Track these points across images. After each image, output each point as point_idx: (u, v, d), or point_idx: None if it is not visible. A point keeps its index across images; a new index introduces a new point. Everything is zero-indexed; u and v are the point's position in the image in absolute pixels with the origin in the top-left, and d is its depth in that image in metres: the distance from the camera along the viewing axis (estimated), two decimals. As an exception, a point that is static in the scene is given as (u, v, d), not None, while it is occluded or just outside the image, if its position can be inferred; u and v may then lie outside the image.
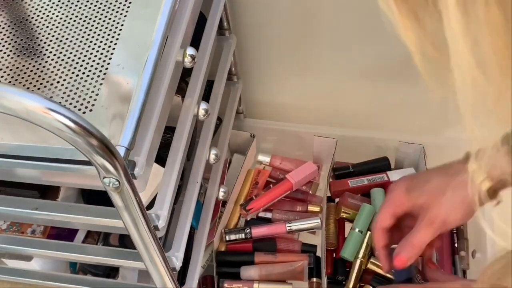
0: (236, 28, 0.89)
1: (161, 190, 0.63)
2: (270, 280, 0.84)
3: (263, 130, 1.01)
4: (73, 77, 0.55)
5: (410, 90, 0.94)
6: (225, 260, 0.87)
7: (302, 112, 1.03)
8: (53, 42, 0.59)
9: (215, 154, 0.78)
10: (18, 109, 0.41)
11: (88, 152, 0.44)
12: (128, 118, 0.51)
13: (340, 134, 0.95)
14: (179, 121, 0.68)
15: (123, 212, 0.53)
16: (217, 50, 0.85)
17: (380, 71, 0.92)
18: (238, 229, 0.87)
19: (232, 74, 0.94)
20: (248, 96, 1.03)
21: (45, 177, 0.60)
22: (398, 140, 0.94)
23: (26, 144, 0.51)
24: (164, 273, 0.64)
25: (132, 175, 0.52)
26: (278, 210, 0.90)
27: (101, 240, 0.81)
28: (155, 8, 0.59)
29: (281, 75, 0.98)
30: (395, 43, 0.33)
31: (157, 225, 0.60)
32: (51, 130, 0.42)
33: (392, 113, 0.99)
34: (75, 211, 0.62)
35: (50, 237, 0.78)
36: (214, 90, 0.82)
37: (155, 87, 0.58)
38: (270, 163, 0.96)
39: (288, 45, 0.91)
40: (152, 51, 0.56)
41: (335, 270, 0.87)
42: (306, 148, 0.98)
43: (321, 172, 0.96)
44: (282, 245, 0.87)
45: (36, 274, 0.81)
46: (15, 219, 0.75)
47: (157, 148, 0.61)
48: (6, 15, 0.62)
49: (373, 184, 0.91)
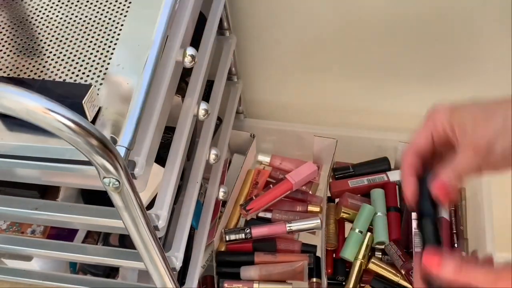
0: (236, 28, 0.89)
1: (161, 190, 0.62)
2: (270, 280, 0.84)
3: (263, 130, 1.01)
4: (73, 77, 0.55)
5: (410, 90, 0.94)
6: (225, 260, 0.87)
7: (302, 112, 1.03)
8: (53, 42, 0.59)
9: (215, 154, 0.78)
10: (18, 109, 0.41)
11: (88, 152, 0.44)
12: (128, 118, 0.51)
13: (340, 134, 0.95)
14: (179, 121, 0.68)
15: (123, 212, 0.53)
16: (217, 50, 0.85)
17: (380, 71, 0.92)
18: (238, 229, 0.87)
19: (232, 74, 0.94)
20: (248, 96, 1.03)
21: (45, 177, 0.59)
22: (398, 140, 0.94)
23: (26, 144, 0.51)
24: (164, 273, 0.64)
25: (132, 175, 0.52)
26: (278, 210, 0.90)
27: (101, 240, 0.81)
28: (155, 8, 0.59)
29: (281, 75, 0.98)
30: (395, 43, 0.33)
31: (157, 225, 0.60)
32: (52, 130, 0.42)
33: (392, 113, 0.99)
34: (75, 211, 0.62)
35: (50, 237, 0.78)
36: (214, 90, 0.82)
37: (155, 87, 0.58)
38: (270, 163, 0.96)
39: (288, 45, 0.91)
40: (152, 51, 0.56)
41: (335, 270, 0.87)
42: (306, 148, 0.98)
43: (321, 172, 0.96)
44: (282, 245, 0.87)
45: (36, 274, 0.81)
46: (15, 219, 0.75)
47: (157, 148, 0.61)
48: (6, 15, 0.62)
49: (373, 185, 0.92)
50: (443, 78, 0.90)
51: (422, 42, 0.85)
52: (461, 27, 0.81)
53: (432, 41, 0.84)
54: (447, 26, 0.81)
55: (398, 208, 0.89)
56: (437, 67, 0.88)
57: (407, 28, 0.83)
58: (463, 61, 0.86)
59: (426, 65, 0.89)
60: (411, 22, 0.82)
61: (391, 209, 0.88)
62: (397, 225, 0.87)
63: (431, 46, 0.85)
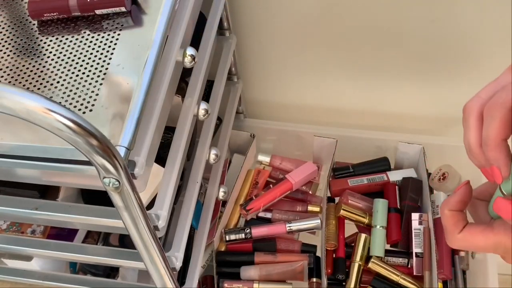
0: (236, 28, 0.89)
1: (161, 190, 0.62)
2: (270, 280, 0.84)
3: (263, 130, 1.01)
4: (73, 77, 0.55)
5: (410, 90, 0.94)
6: (225, 260, 0.87)
7: (302, 112, 1.03)
8: (53, 42, 0.59)
9: (215, 154, 0.78)
10: (18, 109, 0.41)
11: (88, 152, 0.44)
12: (128, 118, 0.51)
13: (340, 134, 0.95)
14: (179, 121, 0.68)
15: (123, 212, 0.53)
16: (217, 50, 0.85)
17: (380, 71, 0.92)
18: (238, 229, 0.87)
19: (232, 74, 0.94)
20: (248, 96, 1.03)
21: (45, 177, 0.59)
22: (398, 140, 0.94)
23: (26, 144, 0.51)
24: (164, 273, 0.64)
25: (132, 175, 0.52)
26: (278, 210, 0.90)
27: (101, 240, 0.81)
28: (155, 8, 0.59)
29: (281, 75, 0.98)
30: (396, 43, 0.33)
31: (157, 225, 0.60)
32: (51, 130, 0.42)
33: (392, 113, 0.99)
34: (75, 211, 0.62)
35: (50, 237, 0.78)
36: (214, 90, 0.82)
37: (155, 87, 0.58)
38: (270, 163, 0.96)
39: (288, 45, 0.91)
40: (152, 51, 0.56)
41: (335, 270, 0.87)
42: (306, 148, 0.98)
43: (321, 172, 0.96)
44: (282, 245, 0.87)
45: (36, 274, 0.81)
46: (15, 219, 0.75)
47: (157, 148, 0.61)
48: (6, 15, 0.62)
49: (373, 184, 0.92)
50: (443, 78, 0.90)
51: (423, 42, 0.85)
52: (461, 27, 0.81)
53: (433, 41, 0.84)
54: (448, 26, 0.81)
55: (398, 209, 0.89)
56: (437, 67, 0.88)
57: (407, 29, 0.83)
58: (463, 62, 0.86)
59: (427, 65, 0.89)
60: (412, 22, 0.82)
61: (391, 210, 0.88)
62: (397, 225, 0.87)
63: (431, 46, 0.85)
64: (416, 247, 0.84)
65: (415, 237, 0.85)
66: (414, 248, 0.84)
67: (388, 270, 0.84)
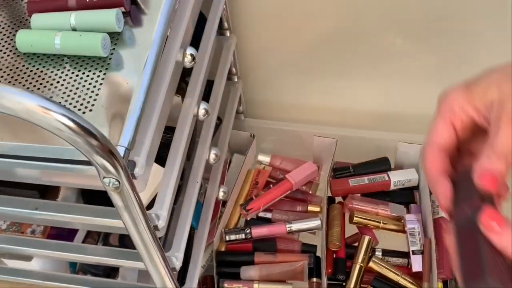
0: (236, 28, 0.89)
1: (161, 190, 0.62)
2: (270, 280, 0.84)
3: (263, 130, 1.01)
4: (73, 77, 0.55)
5: (410, 89, 0.94)
6: (225, 260, 0.87)
7: (302, 112, 1.03)
8: (53, 42, 0.59)
9: (215, 154, 0.78)
10: (18, 109, 0.41)
11: (88, 152, 0.44)
12: (128, 118, 0.51)
13: (340, 134, 0.95)
14: (179, 121, 0.68)
15: (123, 212, 0.53)
16: (217, 50, 0.85)
17: (380, 71, 0.92)
18: (238, 229, 0.87)
19: (232, 74, 0.94)
20: (248, 96, 1.03)
21: (45, 177, 0.59)
22: (398, 140, 0.94)
23: (26, 144, 0.51)
24: (164, 273, 0.64)
25: (132, 175, 0.52)
26: (278, 210, 0.90)
27: (101, 240, 0.81)
28: (155, 8, 0.59)
29: (281, 75, 0.98)
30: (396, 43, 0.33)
31: (157, 225, 0.60)
32: (51, 130, 0.42)
33: (392, 113, 0.99)
34: (75, 211, 0.62)
35: (50, 237, 0.78)
36: (214, 90, 0.82)
37: (155, 87, 0.58)
38: (270, 163, 0.96)
39: (288, 45, 0.91)
40: (152, 51, 0.56)
41: (336, 270, 0.87)
42: (306, 148, 0.98)
43: (321, 172, 0.96)
44: (282, 245, 0.87)
45: (36, 274, 0.81)
46: (15, 219, 0.75)
47: (157, 148, 0.61)
48: (6, 15, 0.62)
49: (374, 184, 0.91)
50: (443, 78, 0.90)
51: (423, 42, 0.85)
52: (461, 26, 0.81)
53: (434, 41, 0.84)
54: (448, 25, 0.81)
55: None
56: (437, 67, 0.88)
57: (407, 28, 0.83)
58: (464, 60, 0.86)
59: (427, 65, 0.89)
60: (412, 22, 0.82)
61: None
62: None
63: (431, 46, 0.85)
64: (412, 245, 0.84)
65: (410, 236, 0.85)
66: (411, 247, 0.84)
67: (388, 270, 0.84)
